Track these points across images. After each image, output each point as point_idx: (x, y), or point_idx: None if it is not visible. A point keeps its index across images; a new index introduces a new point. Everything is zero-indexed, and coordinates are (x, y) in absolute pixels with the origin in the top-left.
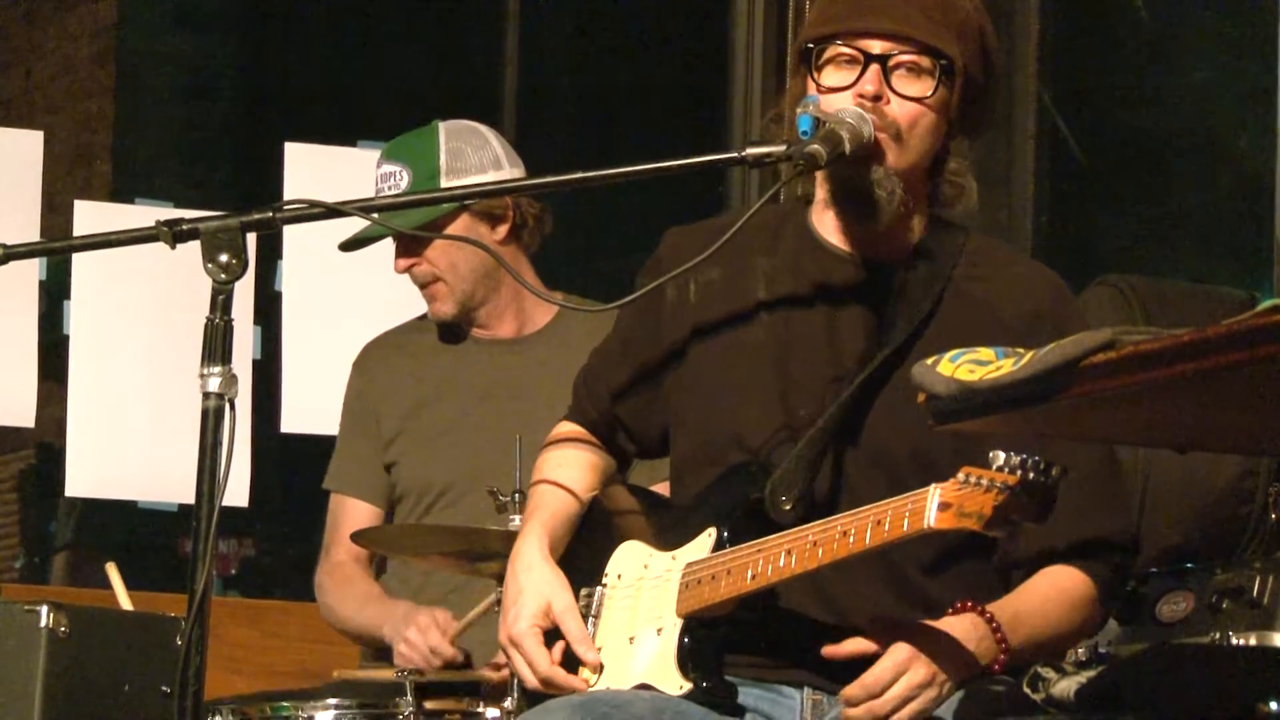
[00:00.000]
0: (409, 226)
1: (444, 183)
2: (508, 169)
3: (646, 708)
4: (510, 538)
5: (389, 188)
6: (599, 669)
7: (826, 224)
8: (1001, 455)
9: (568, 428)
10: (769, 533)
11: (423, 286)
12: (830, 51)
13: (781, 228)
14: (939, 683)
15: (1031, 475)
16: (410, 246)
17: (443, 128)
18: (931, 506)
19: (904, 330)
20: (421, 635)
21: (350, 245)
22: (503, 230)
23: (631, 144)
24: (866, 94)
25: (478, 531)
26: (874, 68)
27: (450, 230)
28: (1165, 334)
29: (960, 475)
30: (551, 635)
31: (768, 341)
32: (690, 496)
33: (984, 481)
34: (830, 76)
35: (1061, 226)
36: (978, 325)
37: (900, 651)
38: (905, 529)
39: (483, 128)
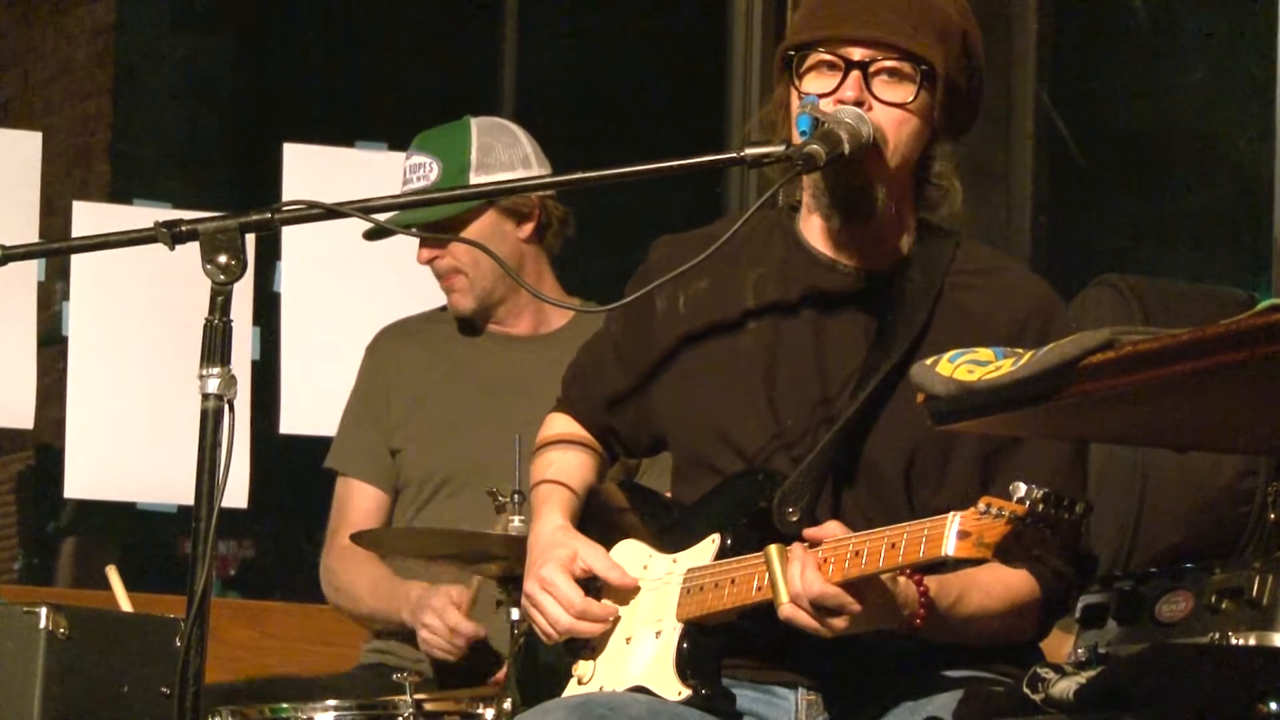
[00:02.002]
0: (435, 219)
1: (473, 178)
2: (536, 168)
3: (643, 710)
4: (511, 541)
5: (418, 179)
6: (636, 589)
7: (814, 230)
8: (1023, 487)
9: (562, 424)
10: (773, 542)
11: (443, 279)
12: (811, 59)
13: (770, 235)
14: (853, 626)
15: (1054, 510)
16: (435, 239)
17: (475, 123)
18: (951, 534)
19: (903, 342)
20: (439, 617)
21: (374, 235)
22: (528, 229)
23: (629, 145)
24: (847, 100)
25: (478, 535)
26: (854, 74)
27: (476, 225)
28: (1164, 334)
29: (981, 505)
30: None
31: (756, 350)
32: (692, 500)
33: (1005, 513)
34: (812, 83)
35: (1060, 226)
36: (969, 336)
37: (857, 606)
38: (921, 554)
39: (513, 126)
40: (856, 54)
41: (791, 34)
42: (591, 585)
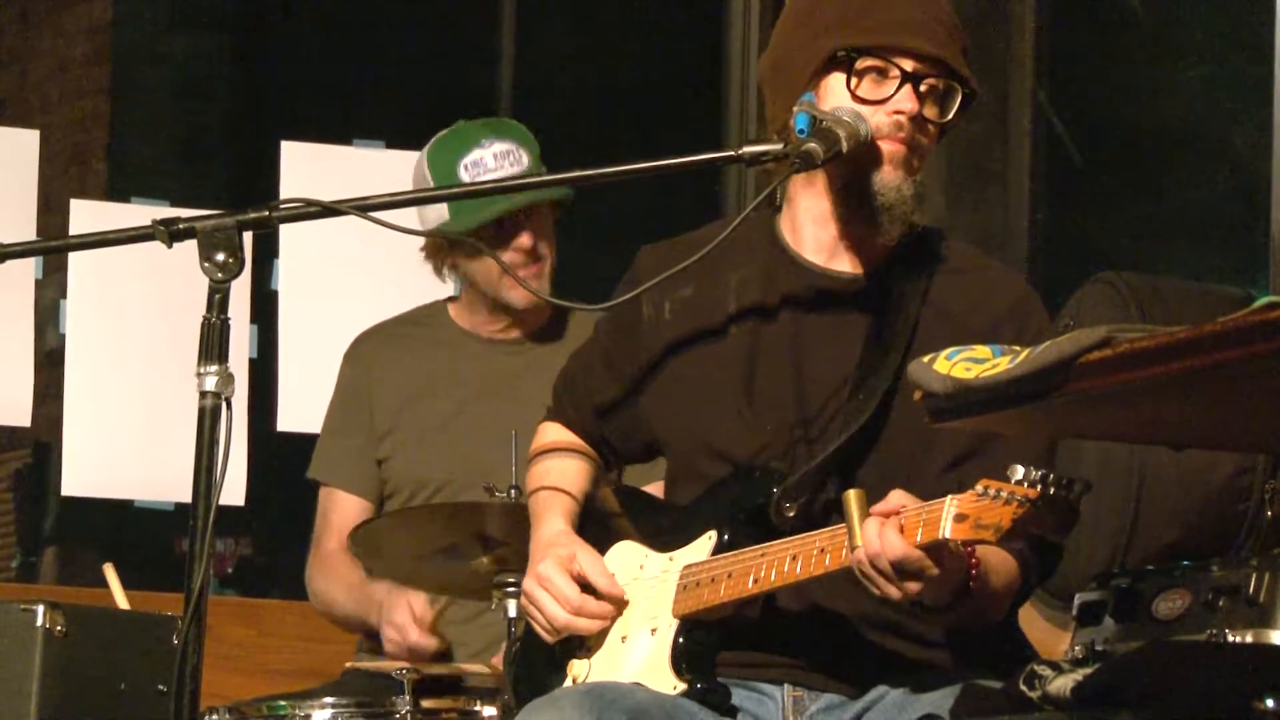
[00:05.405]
0: (554, 199)
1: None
2: None
3: (647, 698)
4: (509, 511)
5: (508, 165)
6: (624, 604)
7: (795, 231)
8: (1020, 469)
9: (556, 432)
10: (770, 538)
11: (530, 265)
12: (865, 63)
13: (751, 237)
14: (921, 593)
15: (1053, 490)
16: (541, 224)
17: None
18: (948, 517)
19: (900, 342)
20: (400, 634)
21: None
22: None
23: (627, 143)
24: (905, 111)
25: (474, 507)
26: (909, 86)
27: (545, 215)
28: (1161, 331)
29: (979, 487)
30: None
31: (735, 354)
32: (686, 501)
33: (1003, 494)
34: (865, 89)
35: (1058, 224)
36: (951, 336)
37: (936, 569)
38: (919, 539)
39: None
40: (908, 65)
41: (841, 31)
42: (590, 586)
